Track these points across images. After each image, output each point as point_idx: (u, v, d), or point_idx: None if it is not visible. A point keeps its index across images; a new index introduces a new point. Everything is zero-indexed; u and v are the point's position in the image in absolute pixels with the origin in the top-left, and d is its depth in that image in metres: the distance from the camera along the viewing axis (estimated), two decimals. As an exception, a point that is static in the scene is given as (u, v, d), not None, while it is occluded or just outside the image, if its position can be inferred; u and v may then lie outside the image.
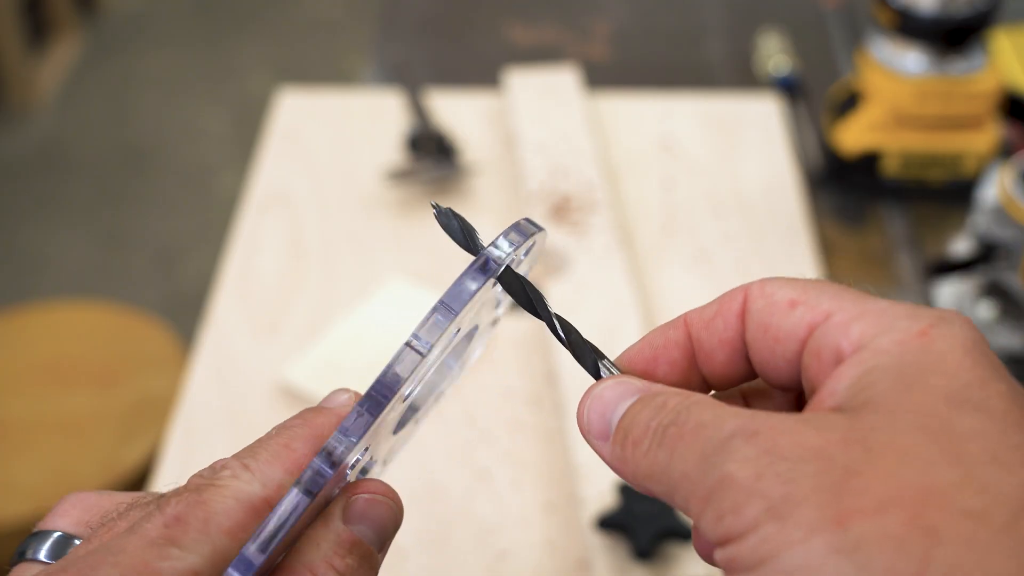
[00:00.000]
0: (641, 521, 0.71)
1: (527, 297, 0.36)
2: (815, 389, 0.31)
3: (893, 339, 0.29)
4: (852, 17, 1.32)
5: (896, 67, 1.01)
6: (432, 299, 0.36)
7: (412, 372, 0.33)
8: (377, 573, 0.36)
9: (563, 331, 0.36)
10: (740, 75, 1.23)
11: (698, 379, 0.35)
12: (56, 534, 0.36)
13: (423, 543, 0.76)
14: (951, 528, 0.25)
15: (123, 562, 0.30)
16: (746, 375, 0.35)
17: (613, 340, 0.86)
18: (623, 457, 0.32)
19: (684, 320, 0.35)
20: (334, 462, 0.33)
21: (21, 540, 0.36)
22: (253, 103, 2.50)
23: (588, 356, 0.36)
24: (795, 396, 0.35)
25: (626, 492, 0.73)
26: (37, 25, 2.77)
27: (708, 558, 0.33)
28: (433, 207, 0.36)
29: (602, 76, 1.20)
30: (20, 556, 0.36)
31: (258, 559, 0.31)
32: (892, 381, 0.28)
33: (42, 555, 0.35)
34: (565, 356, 0.83)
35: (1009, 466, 0.26)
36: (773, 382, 0.34)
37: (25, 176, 2.54)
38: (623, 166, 1.07)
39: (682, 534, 0.71)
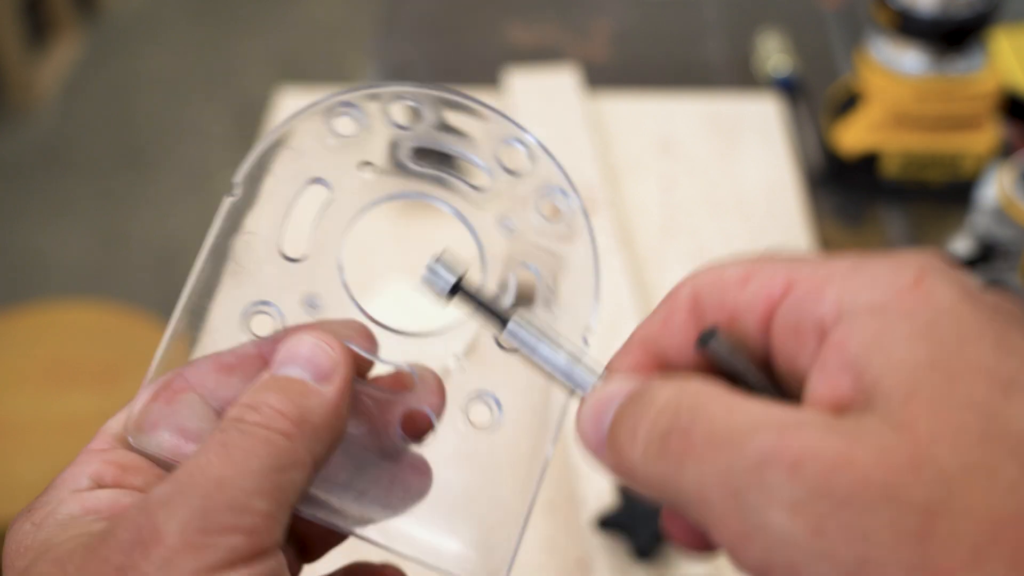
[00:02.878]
0: (641, 521, 0.71)
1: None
2: (801, 373, 0.27)
3: (885, 295, 0.25)
4: (852, 17, 1.32)
5: (896, 67, 1.01)
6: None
7: (219, 213, 0.37)
8: (337, 414, 0.33)
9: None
10: (740, 75, 1.23)
11: None
12: None
13: (423, 543, 0.76)
14: None
15: None
16: None
17: (612, 341, 0.86)
18: (621, 468, 0.28)
19: (638, 342, 0.31)
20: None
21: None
22: (253, 103, 2.50)
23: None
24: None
25: (626, 492, 0.73)
26: (37, 25, 2.77)
27: (681, 540, 0.29)
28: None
29: (602, 76, 1.20)
30: None
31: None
32: (912, 356, 0.24)
33: None
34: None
35: None
36: (758, 362, 0.29)
37: (25, 176, 2.54)
38: (623, 166, 1.07)
39: (682, 534, 0.71)
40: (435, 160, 0.38)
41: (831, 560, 0.22)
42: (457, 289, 0.34)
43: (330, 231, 0.37)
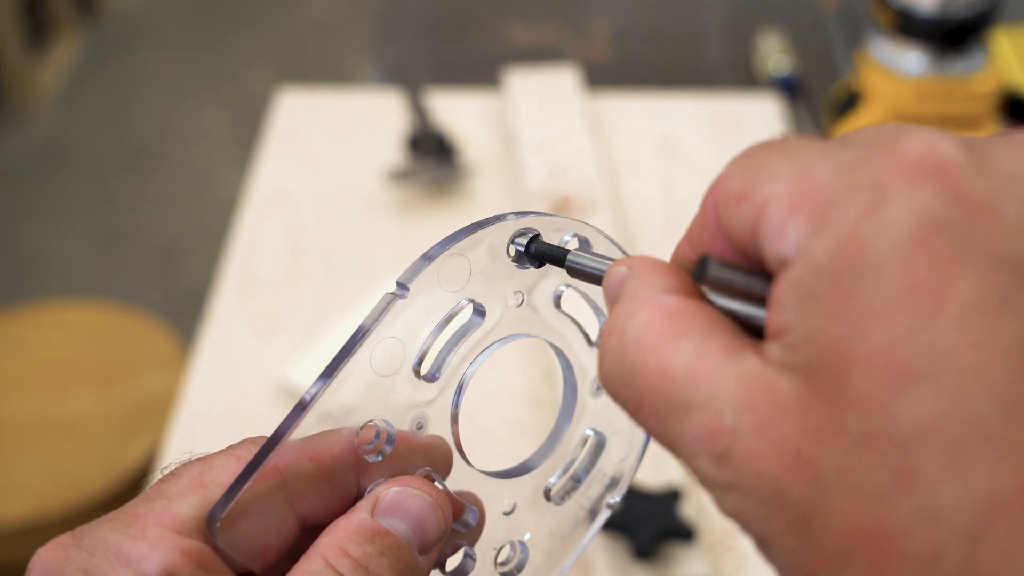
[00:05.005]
0: (641, 521, 0.71)
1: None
2: None
3: (828, 246, 0.24)
4: (852, 17, 1.32)
5: (896, 67, 1.01)
6: None
7: (384, 312, 0.33)
8: None
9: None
10: (740, 75, 1.23)
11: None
12: None
13: (423, 543, 0.76)
14: None
15: None
16: None
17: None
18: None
19: (687, 244, 0.30)
20: (302, 404, 0.32)
21: (21, 540, 0.35)
22: (253, 103, 2.50)
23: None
24: None
25: (626, 492, 0.73)
26: (37, 25, 2.77)
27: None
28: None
29: (602, 76, 1.20)
30: None
31: (226, 498, 0.31)
32: (831, 334, 0.24)
33: None
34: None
35: (967, 467, 0.22)
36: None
37: (25, 176, 2.54)
38: (623, 166, 1.07)
39: (682, 534, 0.71)
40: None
41: (749, 532, 0.25)
42: (542, 262, 0.36)
43: (463, 357, 0.35)
